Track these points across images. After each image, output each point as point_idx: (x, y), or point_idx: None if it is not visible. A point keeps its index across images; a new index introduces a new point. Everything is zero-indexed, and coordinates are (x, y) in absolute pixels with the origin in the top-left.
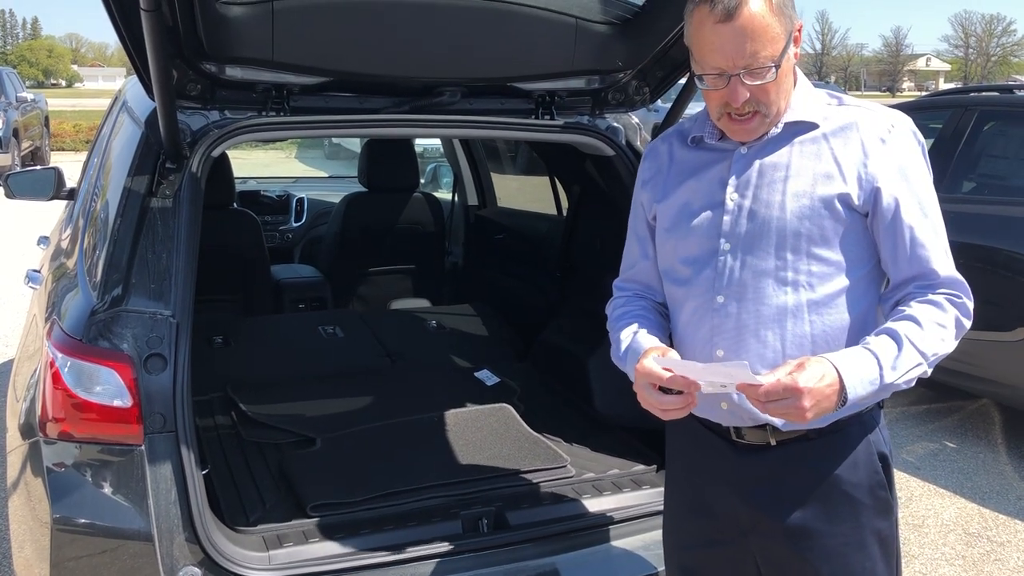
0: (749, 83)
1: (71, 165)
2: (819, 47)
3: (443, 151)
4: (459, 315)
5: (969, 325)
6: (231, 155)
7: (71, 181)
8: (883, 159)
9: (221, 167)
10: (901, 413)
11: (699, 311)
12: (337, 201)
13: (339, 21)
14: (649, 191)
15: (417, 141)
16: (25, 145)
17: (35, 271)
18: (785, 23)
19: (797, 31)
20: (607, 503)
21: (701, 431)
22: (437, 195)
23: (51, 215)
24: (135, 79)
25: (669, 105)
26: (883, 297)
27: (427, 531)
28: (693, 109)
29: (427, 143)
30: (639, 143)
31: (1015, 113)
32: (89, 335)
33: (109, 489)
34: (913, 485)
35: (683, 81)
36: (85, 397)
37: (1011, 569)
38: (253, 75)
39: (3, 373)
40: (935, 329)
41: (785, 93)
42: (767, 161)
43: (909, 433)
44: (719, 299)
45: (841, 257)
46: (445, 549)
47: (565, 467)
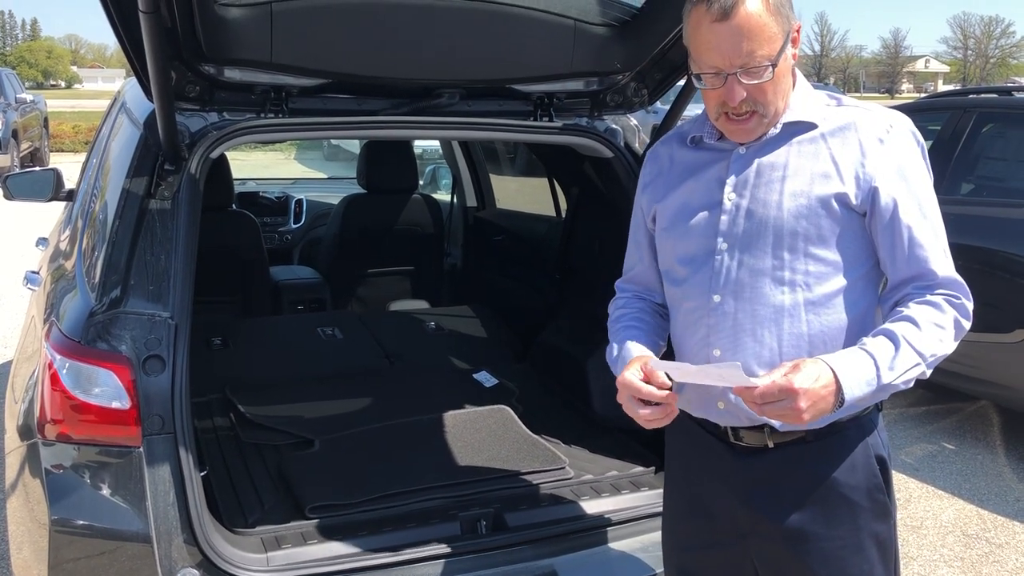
0: (746, 82)
1: (70, 166)
2: (818, 49)
3: (442, 153)
4: (458, 316)
5: (968, 326)
6: (230, 156)
7: (70, 182)
8: (881, 159)
9: (220, 169)
10: (900, 414)
11: (696, 311)
12: (336, 202)
13: (338, 23)
14: (649, 194)
15: (416, 143)
16: (24, 146)
17: (34, 272)
18: (782, 23)
19: (796, 32)
20: (605, 504)
21: (699, 433)
22: (436, 196)
23: (50, 216)
24: (134, 81)
25: (668, 107)
26: (882, 298)
27: (425, 532)
28: (692, 111)
29: (426, 145)
30: (637, 145)
31: (1014, 115)
32: (87, 337)
33: (107, 491)
34: (912, 486)
35: (682, 83)
36: (83, 399)
37: (1009, 571)
38: (252, 77)
39: (2, 375)
40: (933, 330)
41: (783, 93)
42: (765, 161)
43: (908, 434)
44: (715, 298)
45: (838, 257)
46: (443, 550)
47: (564, 468)
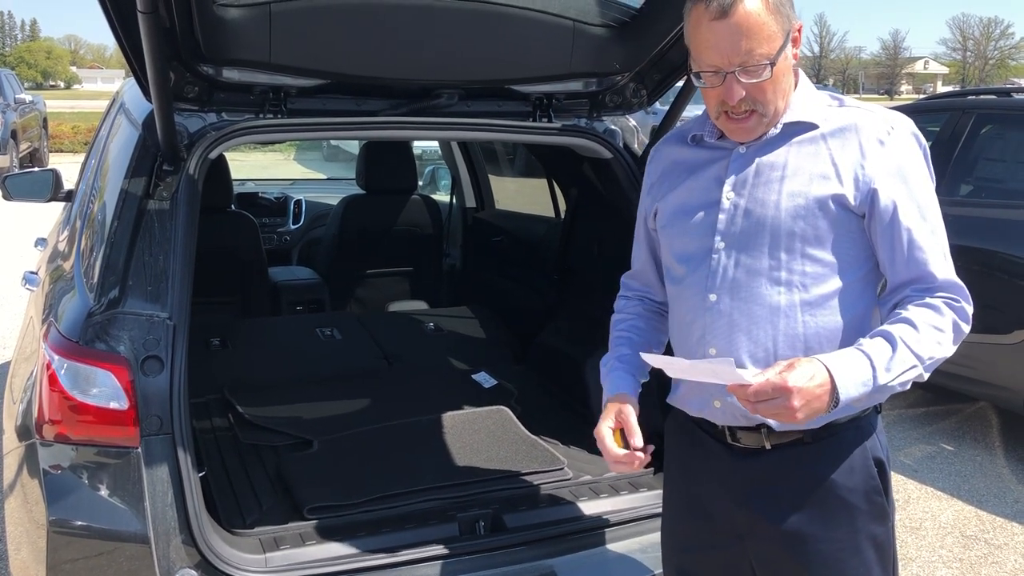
0: (745, 81)
1: (69, 167)
2: (817, 50)
3: (441, 153)
4: (457, 317)
5: (968, 330)
6: (229, 157)
7: (69, 183)
8: (881, 161)
9: (219, 169)
10: (899, 415)
11: (693, 309)
12: (335, 203)
13: (336, 23)
14: (652, 194)
15: (415, 143)
16: (23, 147)
17: (32, 273)
18: (782, 22)
19: (796, 31)
20: (604, 505)
21: (697, 433)
22: (435, 197)
23: (49, 217)
24: (133, 81)
25: (667, 108)
26: (881, 300)
27: (424, 533)
28: (691, 112)
29: (425, 145)
30: (636, 145)
31: (1012, 116)
32: (86, 337)
33: (105, 491)
34: (911, 488)
35: (681, 84)
36: (81, 399)
37: (1008, 572)
38: (250, 77)
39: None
40: (931, 332)
41: (783, 93)
42: (765, 160)
43: (907, 436)
44: (712, 297)
45: (836, 258)
46: (442, 551)
47: (562, 469)
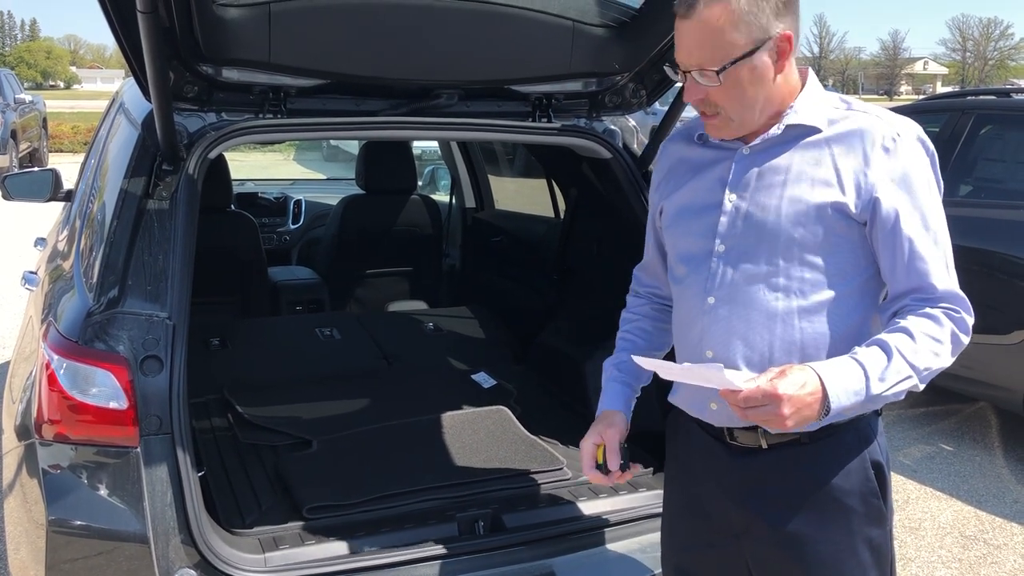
0: (700, 83)
1: (69, 167)
2: (817, 50)
3: (440, 153)
4: (456, 317)
5: (967, 341)
6: (229, 157)
7: (68, 183)
8: (885, 168)
9: (218, 169)
10: (898, 416)
11: (691, 311)
12: (335, 203)
13: (336, 23)
14: (660, 191)
15: (415, 144)
16: (23, 147)
17: (32, 273)
18: (750, 31)
19: (780, 41)
20: (603, 505)
21: (697, 432)
22: (434, 197)
23: (48, 217)
24: (132, 81)
25: (666, 108)
26: (881, 307)
27: (423, 533)
28: (690, 112)
29: (425, 145)
30: (636, 146)
31: (1012, 117)
32: (85, 337)
33: (105, 491)
34: (910, 488)
35: (680, 84)
36: (81, 399)
37: (1007, 572)
38: (250, 77)
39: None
40: (929, 343)
41: (748, 101)
42: (767, 164)
43: (906, 436)
44: (710, 300)
45: (836, 266)
46: (441, 551)
47: (561, 469)
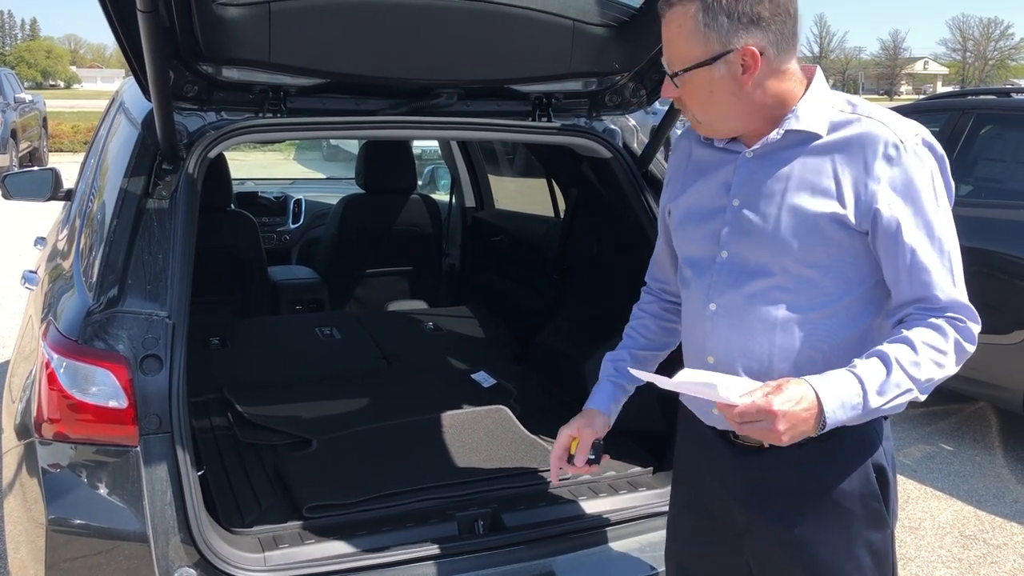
0: (674, 84)
1: (69, 166)
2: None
3: (440, 153)
4: (456, 317)
5: (972, 349)
6: (229, 157)
7: (68, 182)
8: (886, 178)
9: (218, 168)
10: (898, 416)
11: (695, 316)
12: (335, 203)
13: (336, 23)
14: (670, 188)
15: (415, 143)
16: (23, 146)
17: (32, 272)
18: (707, 43)
19: (743, 56)
20: (603, 505)
21: (703, 429)
22: (434, 197)
23: (48, 216)
24: (132, 80)
25: (667, 108)
26: (888, 313)
27: (423, 532)
28: None
29: (425, 145)
30: (636, 145)
31: (1012, 116)
32: (85, 336)
33: (104, 490)
34: (910, 488)
35: None
36: (80, 398)
37: (1007, 572)
38: (250, 76)
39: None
40: (931, 354)
41: (712, 108)
42: (769, 170)
43: (906, 435)
44: (711, 307)
45: (837, 275)
46: (441, 551)
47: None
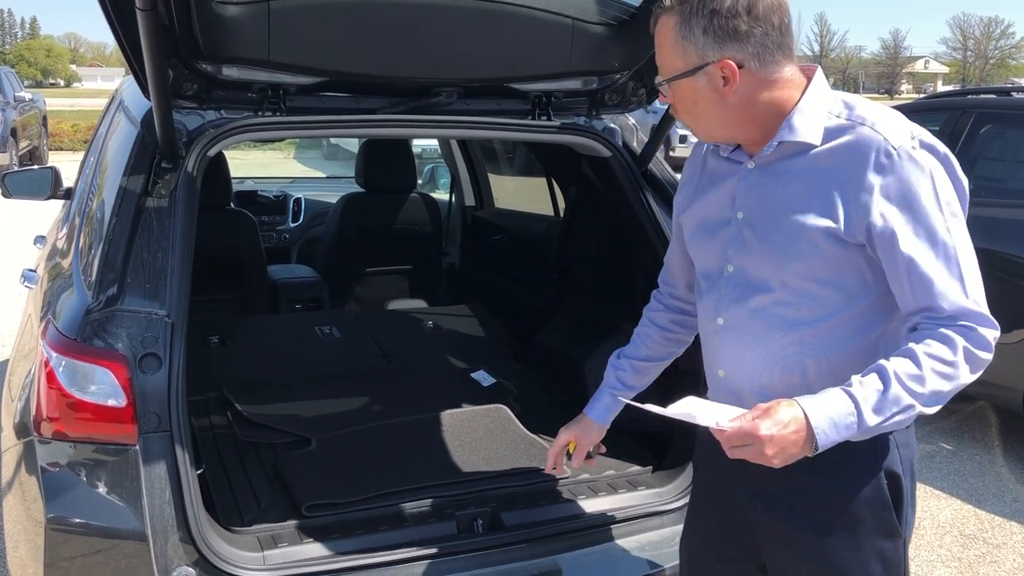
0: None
1: (69, 165)
2: (817, 49)
3: (440, 152)
4: (456, 316)
5: (989, 356)
6: (229, 155)
7: (68, 181)
8: (878, 188)
9: (218, 167)
10: None
11: (707, 328)
12: (334, 201)
13: (335, 21)
14: (683, 193)
15: (415, 142)
16: (23, 145)
17: (31, 270)
18: (686, 55)
19: (721, 68)
20: (603, 504)
21: None
22: (434, 196)
23: (48, 215)
24: (132, 79)
25: (666, 106)
26: (901, 320)
27: (422, 531)
28: None
29: (425, 144)
30: (635, 144)
31: (1012, 115)
32: (84, 334)
33: (103, 489)
34: None
35: None
36: (79, 396)
37: (1007, 571)
38: (249, 75)
39: None
40: (936, 366)
41: (700, 117)
42: (768, 183)
43: None
44: (719, 321)
45: (840, 287)
46: (440, 550)
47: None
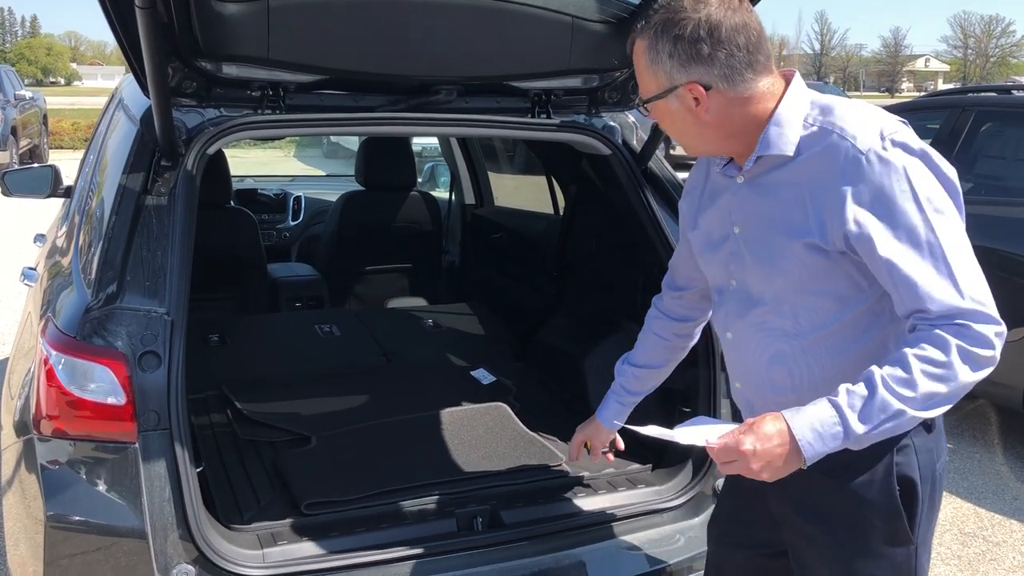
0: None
1: (69, 163)
2: (818, 47)
3: (440, 150)
4: (455, 314)
5: (990, 353)
6: (229, 154)
7: (68, 179)
8: (850, 193)
9: (217, 165)
10: None
11: (721, 341)
12: (334, 200)
13: (335, 19)
14: (686, 205)
15: (415, 140)
16: (23, 143)
17: (31, 269)
18: (657, 78)
19: (691, 90)
20: (602, 502)
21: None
22: (434, 194)
23: (48, 213)
24: (132, 77)
25: None
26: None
27: (422, 529)
28: None
29: (425, 142)
30: (635, 142)
31: (1012, 113)
32: (83, 332)
33: (103, 487)
34: None
35: None
36: (79, 394)
37: (1007, 569)
38: (249, 73)
39: None
40: (926, 368)
41: (680, 134)
42: (755, 197)
43: None
44: (728, 335)
45: (832, 295)
46: (440, 547)
47: (560, 466)
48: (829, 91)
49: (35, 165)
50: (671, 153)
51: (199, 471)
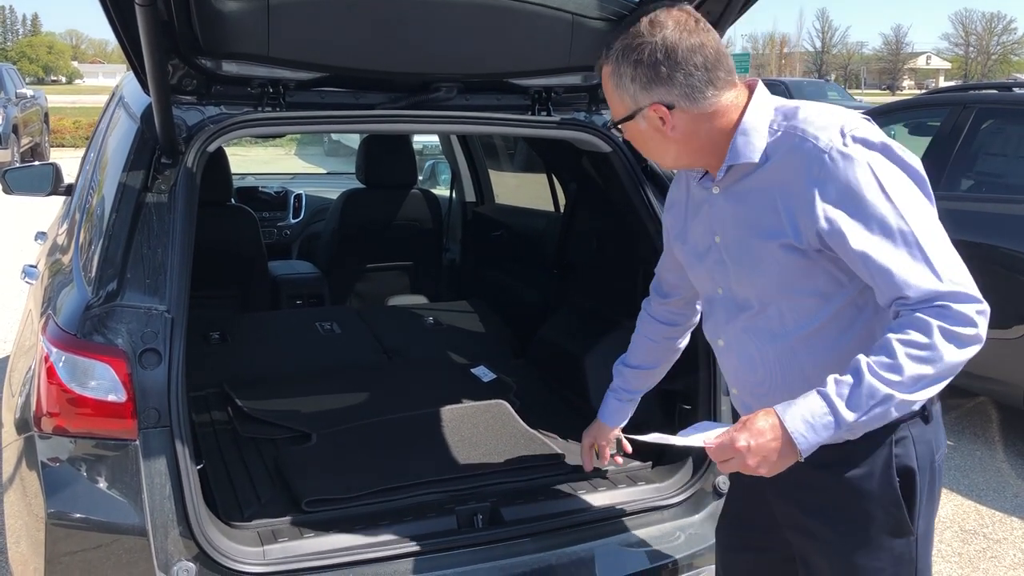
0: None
1: (71, 161)
2: (819, 45)
3: (441, 148)
4: (456, 312)
5: (972, 331)
6: (230, 152)
7: (70, 177)
8: (817, 192)
9: (218, 163)
10: None
11: (715, 349)
12: (335, 197)
13: (335, 16)
14: (670, 219)
15: (416, 138)
16: (25, 141)
17: (32, 266)
18: (623, 100)
19: (661, 115)
20: (602, 499)
21: None
22: (435, 192)
23: (49, 211)
24: (132, 75)
25: None
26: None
27: (422, 526)
28: None
29: (426, 140)
30: None
31: (1013, 111)
32: (84, 330)
33: (103, 484)
34: None
35: None
36: (79, 392)
37: (1007, 566)
38: (249, 70)
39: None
40: (911, 351)
41: (651, 153)
42: (731, 206)
43: None
44: (720, 343)
45: (814, 293)
46: (440, 544)
47: (560, 463)
48: (830, 89)
49: (36, 163)
50: None
51: (199, 468)
